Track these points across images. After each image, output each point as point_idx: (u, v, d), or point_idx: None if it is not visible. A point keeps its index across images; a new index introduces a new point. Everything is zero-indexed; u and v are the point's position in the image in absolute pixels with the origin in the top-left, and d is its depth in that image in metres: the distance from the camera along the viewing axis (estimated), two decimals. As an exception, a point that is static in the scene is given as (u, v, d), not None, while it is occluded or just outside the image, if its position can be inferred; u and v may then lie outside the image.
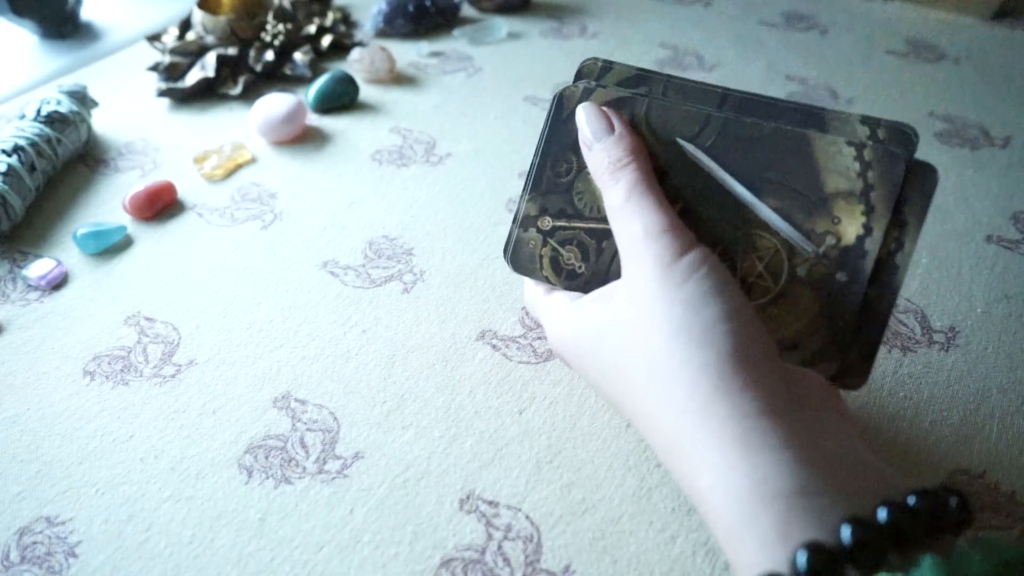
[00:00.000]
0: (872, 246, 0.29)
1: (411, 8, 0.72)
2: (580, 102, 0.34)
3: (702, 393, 0.26)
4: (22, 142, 0.51)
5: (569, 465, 0.36)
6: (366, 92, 0.65)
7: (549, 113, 0.35)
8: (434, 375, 0.41)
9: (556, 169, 0.35)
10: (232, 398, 0.40)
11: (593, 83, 0.34)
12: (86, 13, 0.77)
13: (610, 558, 0.32)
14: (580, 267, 0.35)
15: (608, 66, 0.34)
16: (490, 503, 0.35)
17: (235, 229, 0.51)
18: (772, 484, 0.24)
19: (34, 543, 0.34)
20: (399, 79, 0.67)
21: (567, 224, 0.35)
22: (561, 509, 0.34)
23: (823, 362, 0.31)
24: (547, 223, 0.35)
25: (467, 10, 0.77)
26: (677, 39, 0.73)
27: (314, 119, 0.61)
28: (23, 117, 0.54)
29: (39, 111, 0.54)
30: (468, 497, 0.35)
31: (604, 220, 0.33)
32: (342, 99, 0.62)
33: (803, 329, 0.31)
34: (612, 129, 0.32)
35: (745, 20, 0.77)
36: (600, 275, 0.34)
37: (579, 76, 0.35)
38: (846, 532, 0.22)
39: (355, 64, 0.65)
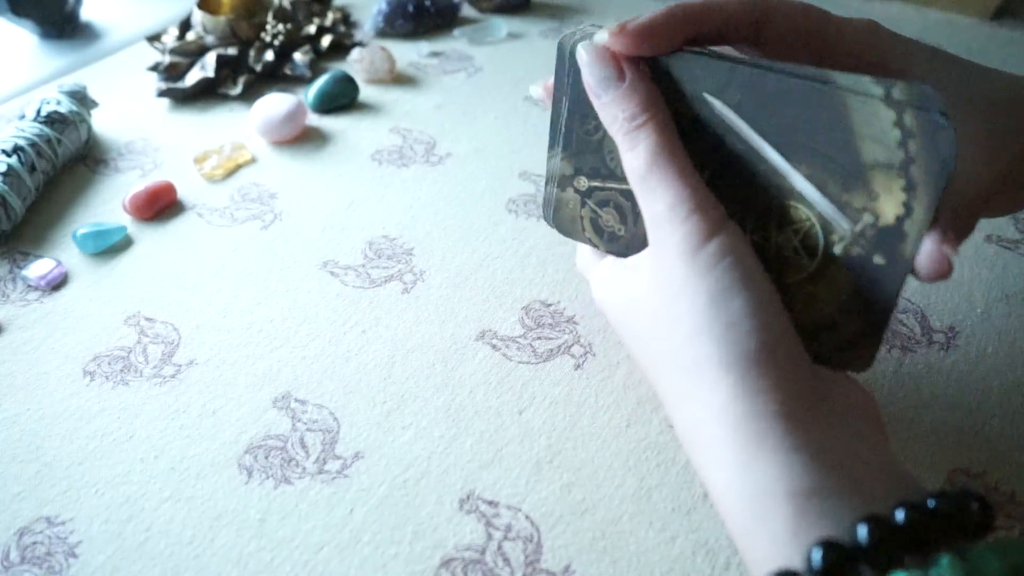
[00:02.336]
0: (912, 228, 0.26)
1: (411, 8, 0.72)
2: None
3: (723, 391, 0.26)
4: (22, 142, 0.51)
5: (569, 465, 0.36)
6: (366, 92, 0.65)
7: (564, 63, 0.31)
8: (434, 375, 0.41)
9: (585, 127, 0.32)
10: (232, 398, 0.40)
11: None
12: (86, 13, 0.77)
13: (610, 558, 0.32)
14: (619, 229, 0.33)
15: None
16: (490, 503, 0.35)
17: (235, 229, 0.51)
18: (787, 483, 0.24)
19: (34, 543, 0.34)
20: (399, 79, 0.67)
21: (602, 184, 0.32)
22: (561, 509, 0.34)
23: (862, 345, 0.28)
24: (583, 183, 0.33)
25: (467, 10, 0.77)
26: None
27: (314, 119, 0.61)
28: (23, 117, 0.54)
29: (39, 111, 0.54)
30: (468, 497, 0.35)
31: None
32: (342, 99, 0.62)
33: (840, 309, 0.28)
34: (622, 76, 0.29)
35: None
36: (640, 238, 0.32)
37: None
38: (862, 531, 0.22)
39: (355, 64, 0.65)
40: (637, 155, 0.28)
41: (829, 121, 0.26)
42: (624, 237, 0.33)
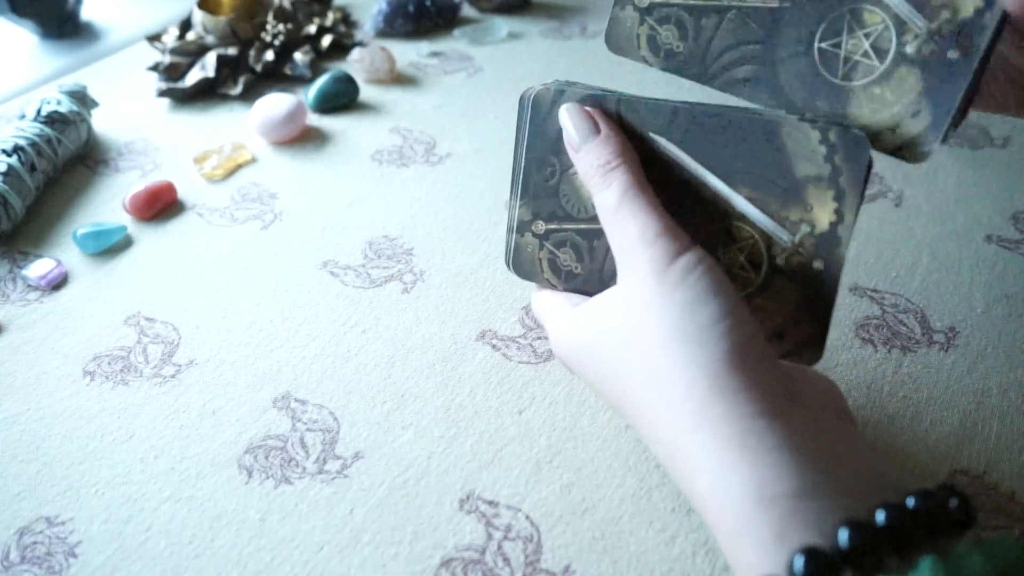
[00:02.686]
0: (845, 233, 0.29)
1: (411, 8, 0.72)
2: (554, 102, 0.33)
3: (699, 395, 0.26)
4: (22, 142, 0.51)
5: (569, 465, 0.36)
6: (366, 92, 0.65)
7: (524, 116, 0.34)
8: (434, 375, 0.41)
9: (541, 173, 0.35)
10: (232, 398, 0.40)
11: (564, 82, 0.34)
12: (86, 13, 0.77)
13: (610, 558, 0.32)
14: (576, 267, 0.35)
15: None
16: (490, 503, 0.35)
17: (235, 229, 0.51)
18: (770, 486, 0.24)
19: (34, 543, 0.34)
20: (399, 79, 0.67)
21: (559, 227, 0.35)
22: (561, 509, 0.34)
23: (808, 350, 0.31)
24: (540, 227, 0.35)
25: (467, 10, 0.77)
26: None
27: (314, 119, 0.61)
28: (23, 117, 0.54)
29: (39, 111, 0.54)
30: (468, 497, 0.35)
31: (591, 220, 0.34)
32: (342, 99, 0.62)
33: (787, 319, 0.31)
34: (598, 130, 0.32)
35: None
36: (596, 274, 0.34)
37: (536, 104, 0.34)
38: (843, 536, 0.22)
39: (355, 64, 0.65)
40: (610, 193, 0.31)
41: (765, 146, 0.29)
42: (581, 274, 0.35)
